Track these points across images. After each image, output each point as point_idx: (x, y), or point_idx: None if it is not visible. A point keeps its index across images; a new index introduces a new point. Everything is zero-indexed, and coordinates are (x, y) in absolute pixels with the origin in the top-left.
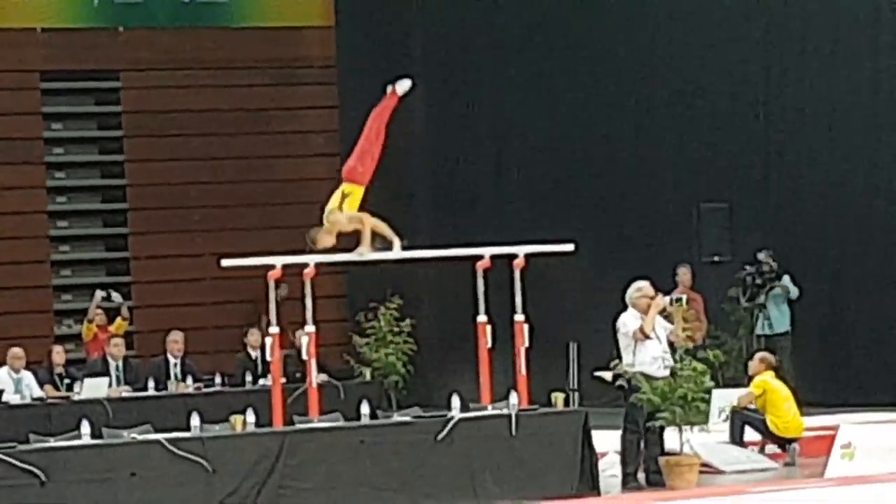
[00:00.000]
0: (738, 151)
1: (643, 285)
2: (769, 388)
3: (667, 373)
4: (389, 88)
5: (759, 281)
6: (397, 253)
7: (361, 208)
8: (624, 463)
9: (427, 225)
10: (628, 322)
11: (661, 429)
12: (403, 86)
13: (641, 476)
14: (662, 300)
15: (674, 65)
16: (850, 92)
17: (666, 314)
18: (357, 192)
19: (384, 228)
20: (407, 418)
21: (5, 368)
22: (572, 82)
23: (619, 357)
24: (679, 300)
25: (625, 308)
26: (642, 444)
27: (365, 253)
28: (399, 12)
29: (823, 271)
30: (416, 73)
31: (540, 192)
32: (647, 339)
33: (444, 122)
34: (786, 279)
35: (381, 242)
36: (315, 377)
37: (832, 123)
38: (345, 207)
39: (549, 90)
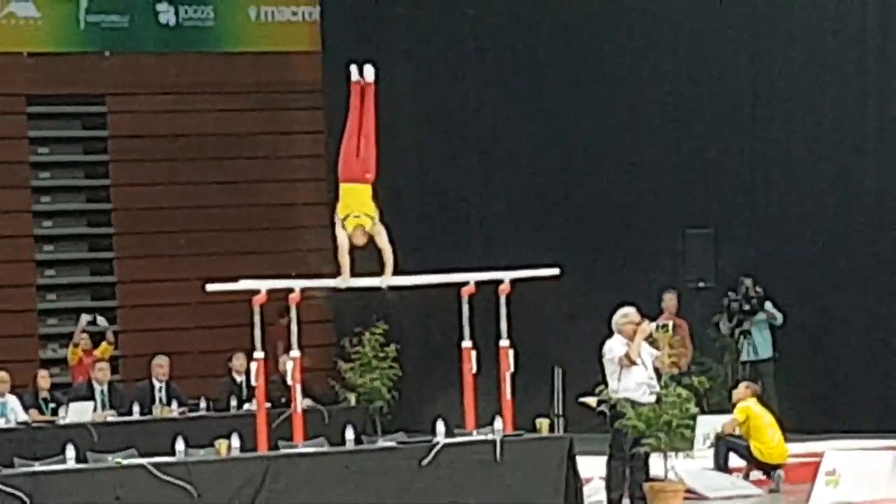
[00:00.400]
0: (722, 177)
1: (629, 311)
2: (752, 414)
3: (652, 399)
4: (359, 79)
5: (744, 307)
6: (383, 282)
7: None
8: (609, 489)
9: (412, 249)
10: (614, 348)
11: (647, 455)
12: (369, 72)
13: (626, 502)
14: (648, 326)
15: (660, 90)
16: (836, 118)
17: (652, 340)
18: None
19: (388, 256)
20: (392, 444)
21: None
22: (559, 107)
23: (605, 383)
24: (665, 326)
25: (611, 334)
26: (627, 471)
27: (348, 281)
28: (386, 37)
29: (808, 297)
30: (403, 97)
31: (525, 216)
32: (633, 365)
33: (429, 147)
34: (769, 305)
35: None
36: (300, 402)
37: (817, 149)
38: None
39: (535, 115)
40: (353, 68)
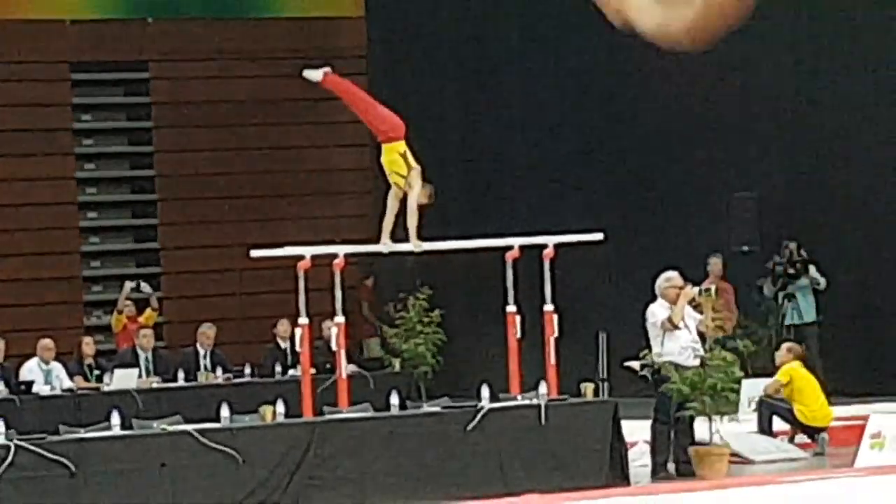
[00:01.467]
0: (767, 142)
1: (672, 275)
2: (796, 376)
3: (696, 362)
4: (320, 75)
5: (789, 271)
6: (413, 247)
7: None
8: (654, 453)
9: (457, 214)
10: (657, 312)
11: (691, 418)
12: (313, 75)
13: (671, 466)
14: (691, 290)
15: (704, 57)
16: (881, 82)
17: (695, 304)
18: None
19: (410, 220)
20: (437, 409)
21: (35, 359)
22: (604, 72)
23: (649, 347)
24: (708, 290)
25: (654, 298)
26: (672, 434)
27: (388, 244)
28: (429, 3)
29: (852, 261)
30: (445, 65)
31: (570, 181)
32: (676, 329)
33: (473, 114)
34: (813, 270)
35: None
36: (344, 368)
37: (862, 113)
38: (413, 163)
39: (579, 80)
40: (306, 74)
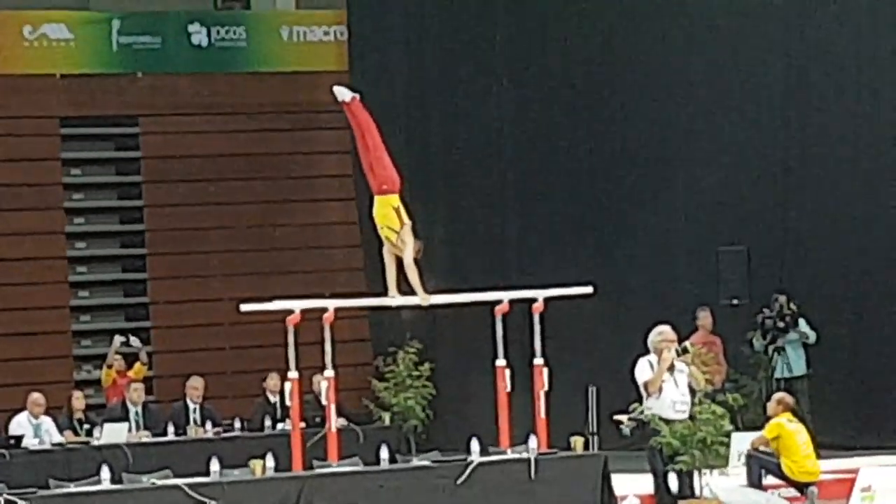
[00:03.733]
0: (756, 195)
1: (664, 329)
2: (784, 432)
3: (684, 416)
4: (349, 97)
5: (778, 324)
6: (420, 301)
7: None
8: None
9: (444, 267)
10: (642, 371)
11: (686, 471)
12: (341, 93)
13: None
14: (669, 355)
15: (694, 109)
16: (870, 132)
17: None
18: (397, 201)
19: (410, 275)
20: (426, 462)
21: (25, 414)
22: (593, 125)
23: (639, 400)
24: (685, 349)
25: (646, 351)
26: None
27: (396, 297)
28: (414, 57)
29: (843, 313)
30: (429, 120)
31: (559, 235)
32: (653, 394)
33: (462, 166)
34: (802, 323)
35: (405, 286)
36: (334, 422)
37: (851, 166)
38: (405, 219)
39: (569, 134)
40: (336, 90)
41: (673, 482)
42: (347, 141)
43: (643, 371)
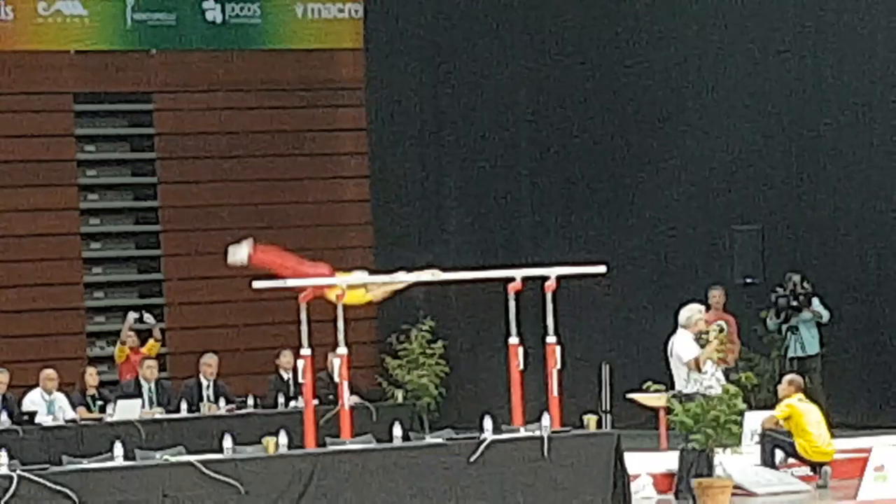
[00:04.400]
0: (770, 173)
1: (701, 307)
2: (796, 412)
3: (719, 392)
4: (246, 256)
5: (792, 303)
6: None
7: None
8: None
9: (459, 245)
10: (686, 349)
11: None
12: (239, 255)
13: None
14: (717, 331)
15: (707, 86)
16: (885, 110)
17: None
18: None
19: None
20: (439, 440)
21: (38, 390)
22: (608, 104)
23: (670, 379)
24: (721, 328)
25: (674, 329)
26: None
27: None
28: (430, 33)
29: (856, 293)
30: (443, 97)
31: (573, 213)
32: (702, 368)
33: (477, 145)
34: (816, 302)
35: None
36: (347, 399)
37: (866, 144)
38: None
39: (585, 112)
40: (230, 257)
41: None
42: (362, 119)
43: (690, 347)
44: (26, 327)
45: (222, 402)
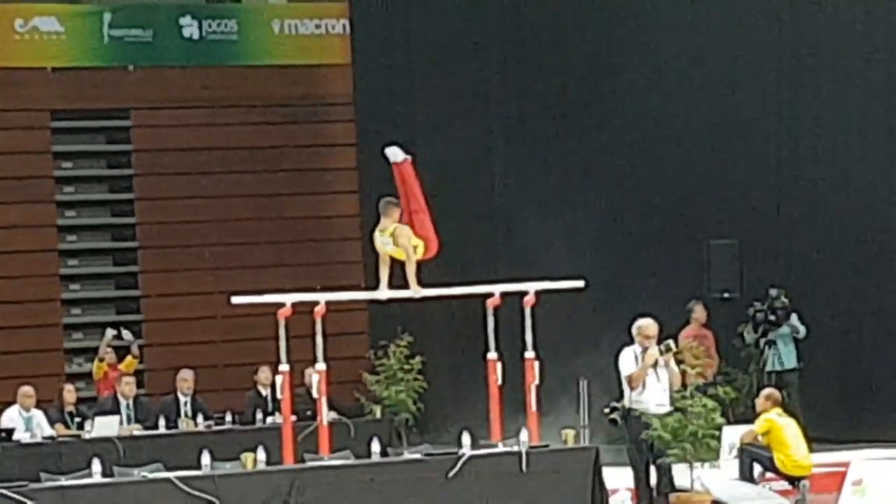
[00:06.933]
0: (748, 188)
1: (644, 324)
2: (775, 426)
3: (664, 411)
4: (401, 158)
5: (770, 317)
6: (412, 293)
7: None
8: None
9: (438, 260)
10: (624, 365)
11: (669, 466)
12: (393, 154)
13: None
14: (654, 351)
15: (685, 102)
16: (863, 127)
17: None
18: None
19: (411, 272)
20: (417, 455)
21: (16, 407)
22: (586, 119)
23: (620, 390)
24: (668, 347)
25: (632, 341)
26: (651, 481)
27: (385, 291)
28: (416, 48)
29: (834, 307)
30: (432, 112)
31: (551, 228)
32: (637, 388)
33: (456, 159)
34: (793, 318)
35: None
36: (325, 415)
37: (844, 159)
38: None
39: (562, 127)
40: (388, 151)
41: (652, 477)
42: (351, 133)
43: (628, 363)
44: (3, 344)
45: (200, 418)
